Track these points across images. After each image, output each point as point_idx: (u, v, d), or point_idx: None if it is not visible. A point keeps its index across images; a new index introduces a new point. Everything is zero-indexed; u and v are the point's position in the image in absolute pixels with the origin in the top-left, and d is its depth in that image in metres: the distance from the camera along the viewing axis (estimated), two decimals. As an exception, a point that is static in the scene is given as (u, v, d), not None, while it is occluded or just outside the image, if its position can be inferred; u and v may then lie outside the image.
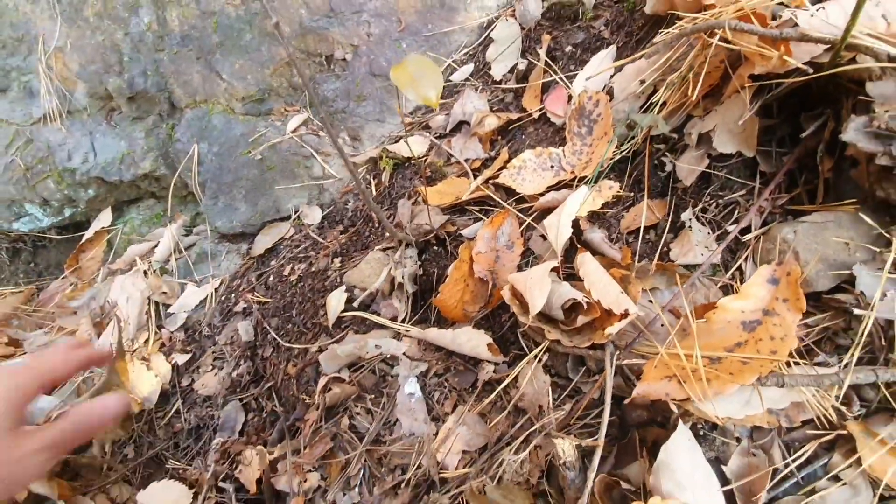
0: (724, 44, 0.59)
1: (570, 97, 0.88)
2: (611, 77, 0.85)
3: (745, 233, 0.62)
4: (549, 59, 0.98)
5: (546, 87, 0.95)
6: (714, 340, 0.53)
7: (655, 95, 0.74)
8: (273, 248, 1.09)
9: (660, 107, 0.73)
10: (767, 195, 0.62)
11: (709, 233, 0.66)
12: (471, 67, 1.08)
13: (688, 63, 0.66)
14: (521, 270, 0.75)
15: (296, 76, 1.18)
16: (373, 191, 1.03)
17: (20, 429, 0.49)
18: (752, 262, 0.60)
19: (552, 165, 0.80)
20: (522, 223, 0.78)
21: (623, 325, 0.54)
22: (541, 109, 0.91)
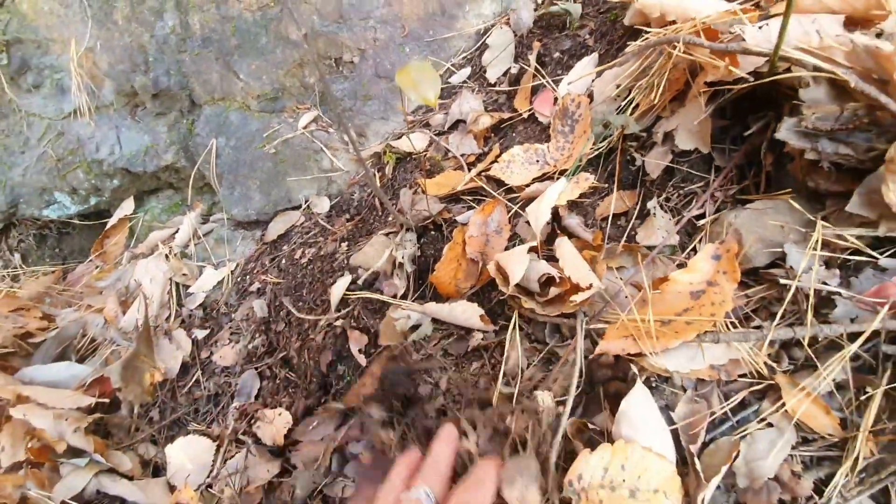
0: (684, 54, 0.69)
1: (556, 99, 0.97)
2: (592, 81, 0.94)
3: (701, 218, 0.72)
4: (539, 64, 1.07)
5: (535, 90, 1.05)
6: (666, 307, 0.62)
7: (629, 98, 0.83)
8: (285, 235, 1.19)
9: (632, 109, 0.83)
10: (718, 186, 0.71)
11: (670, 219, 0.75)
12: (468, 70, 1.18)
13: (654, 71, 0.76)
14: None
15: (308, 76, 1.28)
16: (377, 182, 1.13)
17: None
18: (706, 243, 0.70)
19: (538, 160, 0.90)
20: (510, 211, 0.88)
21: (587, 296, 0.63)
22: (530, 110, 1.01)
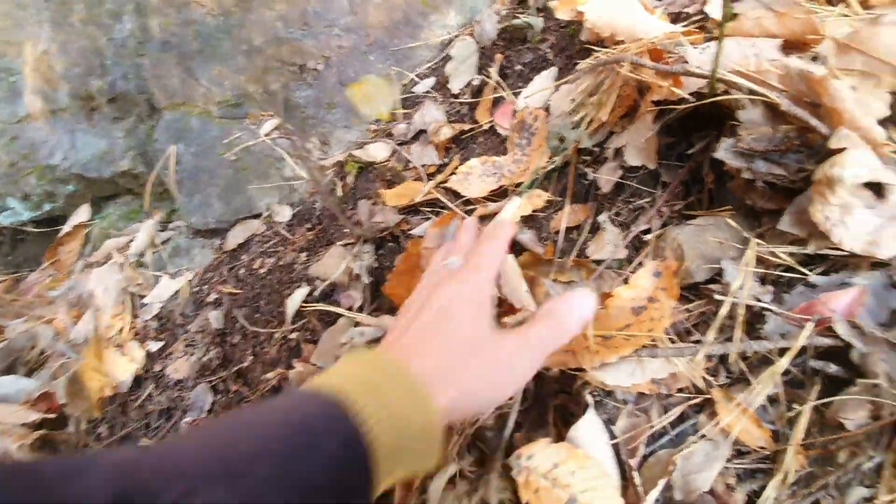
0: (631, 74, 0.70)
1: (515, 112, 0.98)
2: (550, 95, 0.95)
3: (647, 233, 0.73)
4: (502, 76, 1.08)
5: (497, 102, 1.05)
6: (609, 323, 0.63)
7: (583, 113, 0.84)
8: (244, 244, 1.17)
9: (587, 124, 0.84)
10: (664, 202, 0.72)
11: (620, 233, 0.76)
12: (432, 81, 1.18)
13: (605, 88, 0.77)
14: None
15: (271, 83, 1.27)
16: (339, 191, 1.12)
17: (499, 330, 0.49)
18: (651, 258, 0.71)
19: (495, 172, 0.91)
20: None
21: (519, 318, 0.64)
22: (490, 122, 1.02)
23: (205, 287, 1.15)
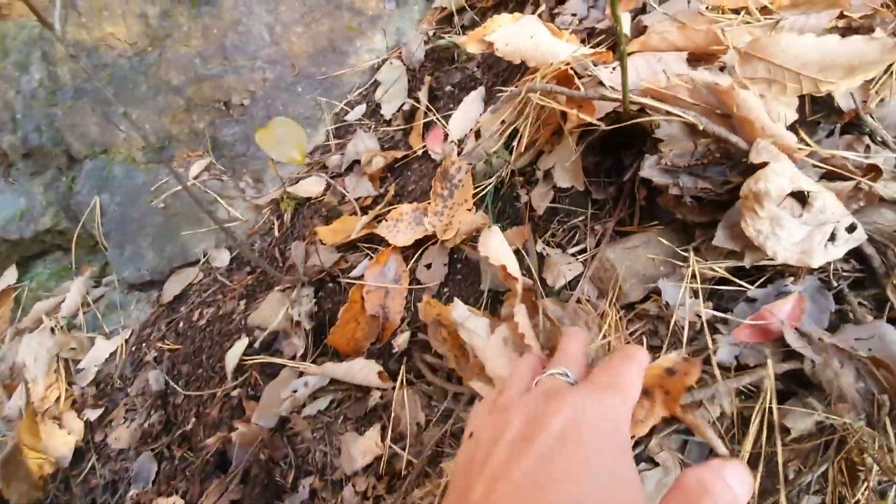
0: (545, 101, 0.69)
1: (447, 135, 0.96)
2: (480, 115, 0.93)
3: (582, 253, 0.71)
4: (432, 98, 1.06)
5: (428, 126, 1.03)
6: (551, 354, 0.61)
7: (513, 134, 0.83)
8: (182, 294, 1.11)
9: (517, 144, 0.82)
10: (597, 220, 0.71)
11: (561, 254, 0.75)
12: (363, 108, 1.15)
13: (527, 112, 0.75)
14: (410, 300, 0.82)
15: (196, 122, 1.21)
16: (276, 231, 1.07)
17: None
18: (587, 279, 0.69)
19: (421, 223, 0.86)
20: (408, 257, 0.85)
21: None
22: (423, 147, 0.99)
23: (143, 345, 1.08)
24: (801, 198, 0.55)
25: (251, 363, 0.87)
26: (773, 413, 0.50)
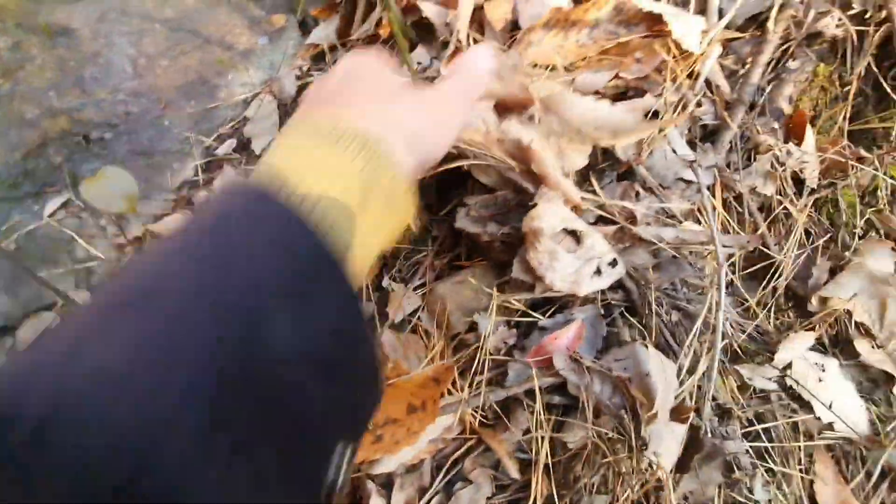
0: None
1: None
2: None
3: (421, 288, 0.78)
4: (301, 134, 1.09)
5: (296, 162, 1.06)
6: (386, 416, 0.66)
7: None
8: (37, 340, 1.05)
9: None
10: (435, 256, 0.78)
11: (404, 287, 0.80)
12: (234, 142, 1.16)
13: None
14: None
15: (53, 156, 1.16)
16: (140, 270, 1.05)
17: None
18: (425, 312, 0.76)
19: None
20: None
21: None
22: (288, 183, 1.02)
23: (-10, 397, 1.01)
24: (577, 236, 0.64)
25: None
26: (544, 426, 0.58)
